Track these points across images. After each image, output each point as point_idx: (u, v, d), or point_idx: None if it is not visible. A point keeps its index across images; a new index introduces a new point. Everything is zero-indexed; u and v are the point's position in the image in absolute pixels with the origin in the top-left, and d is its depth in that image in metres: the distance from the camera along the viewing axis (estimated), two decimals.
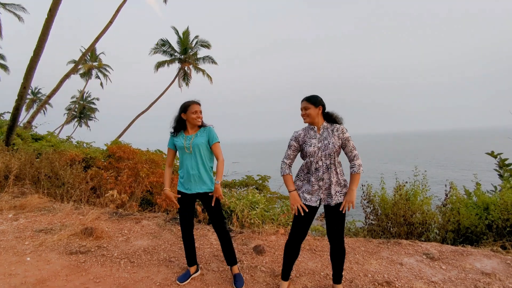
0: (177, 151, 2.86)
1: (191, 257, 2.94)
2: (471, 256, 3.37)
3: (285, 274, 2.71)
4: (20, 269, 3.00)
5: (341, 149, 2.55)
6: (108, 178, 7.22)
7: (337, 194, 2.46)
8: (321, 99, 2.53)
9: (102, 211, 4.65)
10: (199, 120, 2.78)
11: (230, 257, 2.87)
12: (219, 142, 2.82)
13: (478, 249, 3.60)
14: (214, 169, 2.86)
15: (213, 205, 2.70)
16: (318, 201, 2.47)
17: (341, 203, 2.45)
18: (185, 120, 2.83)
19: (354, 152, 2.50)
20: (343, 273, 2.69)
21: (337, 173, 2.46)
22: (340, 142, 2.48)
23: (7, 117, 15.44)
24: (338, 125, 2.53)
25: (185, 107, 2.78)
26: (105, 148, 10.41)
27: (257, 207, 6.06)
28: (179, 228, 3.95)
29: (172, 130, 2.88)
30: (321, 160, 2.44)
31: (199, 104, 2.81)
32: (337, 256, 2.55)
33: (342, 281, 2.79)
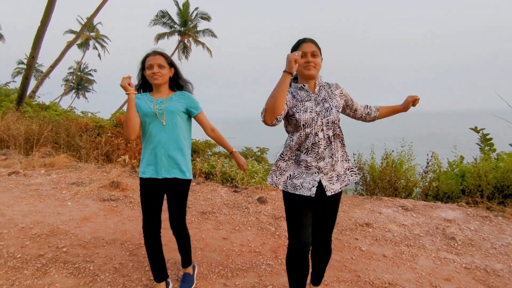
0: (141, 118, 2.01)
1: (161, 268, 2.15)
2: (439, 209, 4.05)
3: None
4: (65, 210, 3.63)
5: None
6: (119, 145, 7.80)
7: (347, 172, 1.84)
8: None
9: (122, 169, 5.26)
10: (157, 77, 1.98)
11: (187, 258, 2.30)
12: (202, 111, 2.14)
13: (446, 204, 4.28)
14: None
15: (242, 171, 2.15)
16: (315, 188, 1.73)
17: (340, 193, 1.83)
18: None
19: (362, 104, 1.97)
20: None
21: (343, 145, 1.83)
22: (343, 101, 1.86)
23: (12, 86, 15.74)
24: (331, 82, 1.88)
25: (143, 62, 2.05)
26: (108, 118, 10.92)
27: (256, 176, 6.69)
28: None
29: (136, 89, 2.13)
30: (322, 130, 1.72)
31: (159, 54, 2.02)
32: (324, 257, 1.97)
33: None
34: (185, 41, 26.41)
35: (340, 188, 1.80)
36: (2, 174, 4.83)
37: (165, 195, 2.11)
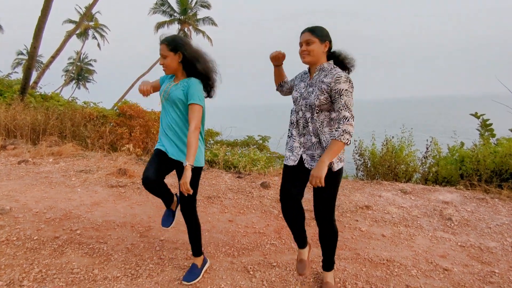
0: None
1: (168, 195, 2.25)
2: (437, 192, 4.16)
3: (297, 241, 2.20)
4: (75, 196, 3.76)
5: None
6: (123, 134, 7.91)
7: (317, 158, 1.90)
8: (328, 33, 1.91)
9: (128, 157, 5.39)
10: (164, 70, 2.03)
11: (195, 247, 2.26)
12: (199, 105, 1.96)
13: (444, 188, 4.40)
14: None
15: (185, 192, 1.85)
16: (297, 161, 1.95)
17: (334, 172, 1.86)
18: None
19: (342, 112, 1.75)
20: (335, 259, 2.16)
21: (323, 132, 1.86)
22: (327, 94, 1.81)
23: (14, 77, 15.78)
24: (339, 71, 1.84)
25: None
26: (111, 108, 11.01)
27: (258, 164, 6.81)
28: None
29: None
30: (301, 110, 1.92)
31: (163, 43, 1.97)
32: (327, 238, 2.05)
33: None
34: (185, 29, 26.23)
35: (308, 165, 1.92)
36: (12, 163, 4.97)
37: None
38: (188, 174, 1.83)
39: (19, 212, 3.19)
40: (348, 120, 1.73)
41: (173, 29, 26.04)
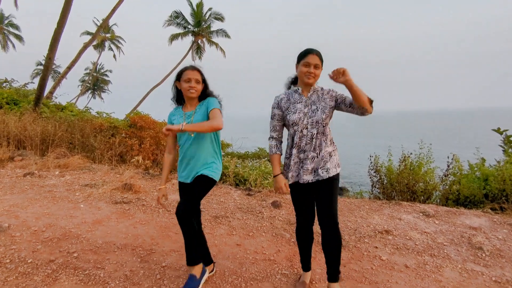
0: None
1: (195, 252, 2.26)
2: (463, 215, 3.84)
3: (304, 263, 2.38)
4: (78, 213, 3.60)
5: (335, 110, 2.12)
6: (133, 146, 7.82)
7: (321, 169, 2.04)
8: None
9: (135, 171, 5.24)
10: (193, 92, 2.15)
11: (205, 255, 2.41)
12: (219, 109, 2.16)
13: (470, 210, 4.07)
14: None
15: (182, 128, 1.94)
16: (295, 176, 2.10)
17: (331, 178, 2.04)
18: (181, 91, 2.25)
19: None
20: (340, 269, 2.15)
21: (326, 144, 2.05)
22: (334, 102, 2.07)
23: (30, 87, 16.08)
24: (326, 87, 2.13)
25: (179, 74, 2.21)
26: (123, 118, 10.99)
27: (269, 177, 6.57)
28: None
29: (174, 103, 2.36)
30: (306, 128, 2.03)
31: (196, 70, 2.18)
32: (332, 243, 2.06)
33: (348, 229, 3.31)
34: (199, 41, 26.51)
35: (311, 180, 2.05)
36: (18, 175, 4.88)
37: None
38: (176, 125, 1.98)
39: (17, 230, 3.04)
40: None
41: (186, 42, 26.37)
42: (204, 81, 2.23)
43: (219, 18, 25.59)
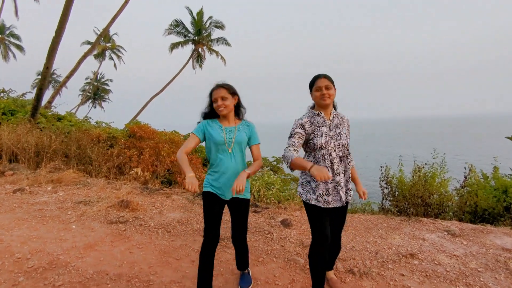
0: (210, 144, 2.22)
1: (208, 283, 2.16)
2: (491, 234, 3.50)
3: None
4: (68, 235, 3.27)
5: None
6: (131, 157, 7.49)
7: (349, 191, 2.18)
8: None
9: (133, 185, 4.91)
10: (222, 109, 2.17)
11: (245, 263, 2.52)
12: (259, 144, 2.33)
13: (498, 228, 3.72)
14: None
15: (234, 194, 1.95)
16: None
17: (347, 202, 2.19)
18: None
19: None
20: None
21: (349, 167, 2.18)
22: (347, 131, 2.23)
23: (29, 96, 15.84)
24: (343, 115, 2.27)
25: (210, 94, 2.25)
26: (122, 128, 10.69)
27: (272, 188, 6.24)
28: None
29: (203, 116, 2.33)
30: (335, 151, 2.08)
31: (221, 87, 2.19)
32: (335, 251, 2.38)
33: (368, 252, 2.99)
34: (199, 50, 26.38)
35: (342, 205, 2.14)
36: (7, 191, 4.55)
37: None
38: (243, 176, 2.04)
39: None
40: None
41: (187, 50, 26.24)
42: (235, 94, 2.27)
43: (219, 26, 25.49)
